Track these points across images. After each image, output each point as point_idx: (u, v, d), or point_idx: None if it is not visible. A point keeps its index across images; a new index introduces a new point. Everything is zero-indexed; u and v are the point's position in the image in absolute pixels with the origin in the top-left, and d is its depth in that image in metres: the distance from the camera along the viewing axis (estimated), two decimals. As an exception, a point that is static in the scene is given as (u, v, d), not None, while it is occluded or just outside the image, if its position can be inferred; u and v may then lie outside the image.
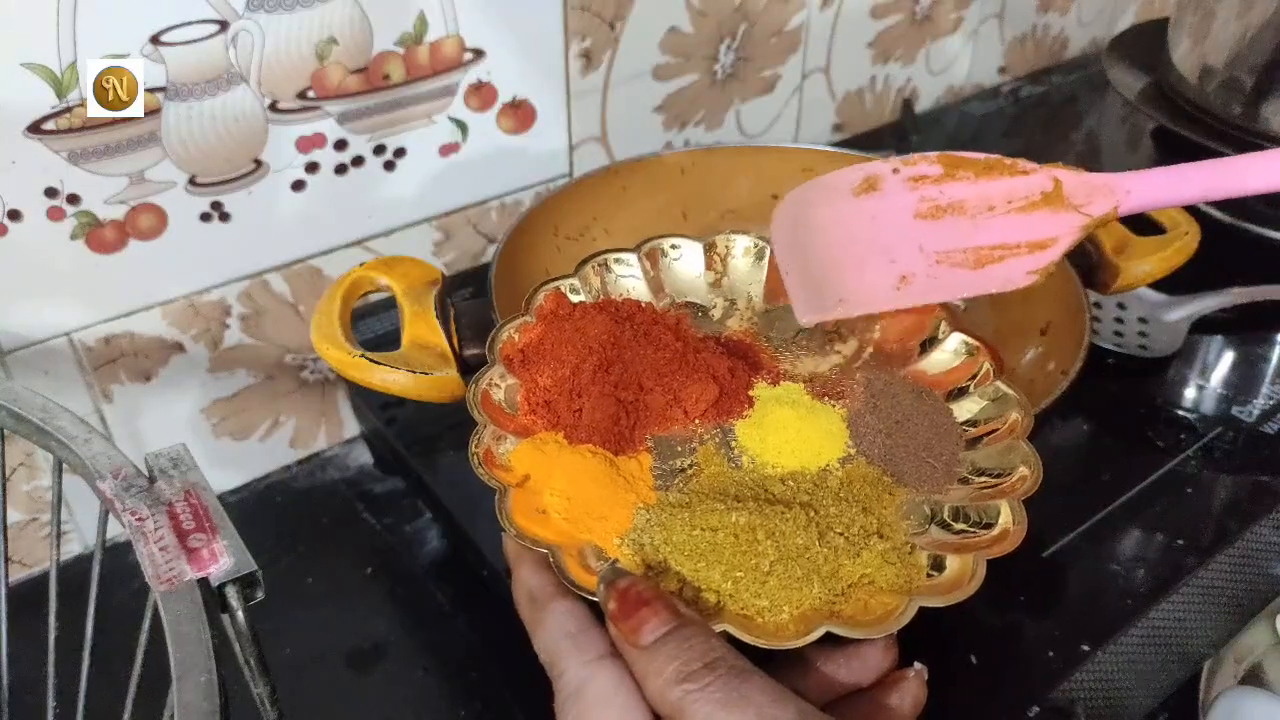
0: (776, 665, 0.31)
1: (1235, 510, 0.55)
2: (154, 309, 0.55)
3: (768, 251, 0.44)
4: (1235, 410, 0.62)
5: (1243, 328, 0.67)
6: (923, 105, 0.90)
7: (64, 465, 0.37)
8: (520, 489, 0.34)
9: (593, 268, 0.42)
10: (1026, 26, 0.94)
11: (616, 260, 0.43)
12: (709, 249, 0.44)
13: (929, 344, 0.42)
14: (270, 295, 0.59)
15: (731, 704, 0.27)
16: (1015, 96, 0.94)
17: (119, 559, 0.52)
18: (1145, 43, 0.80)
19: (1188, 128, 0.72)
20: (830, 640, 0.30)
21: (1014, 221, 0.44)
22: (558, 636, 0.31)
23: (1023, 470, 0.36)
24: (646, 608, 0.29)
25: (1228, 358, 0.66)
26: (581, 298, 0.42)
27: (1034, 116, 0.92)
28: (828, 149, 0.64)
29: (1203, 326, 0.65)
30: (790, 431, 0.38)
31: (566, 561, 0.32)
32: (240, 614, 0.30)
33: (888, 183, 0.45)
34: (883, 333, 0.43)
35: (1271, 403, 0.62)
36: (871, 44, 0.81)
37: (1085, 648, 0.48)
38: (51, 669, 0.39)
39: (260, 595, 0.31)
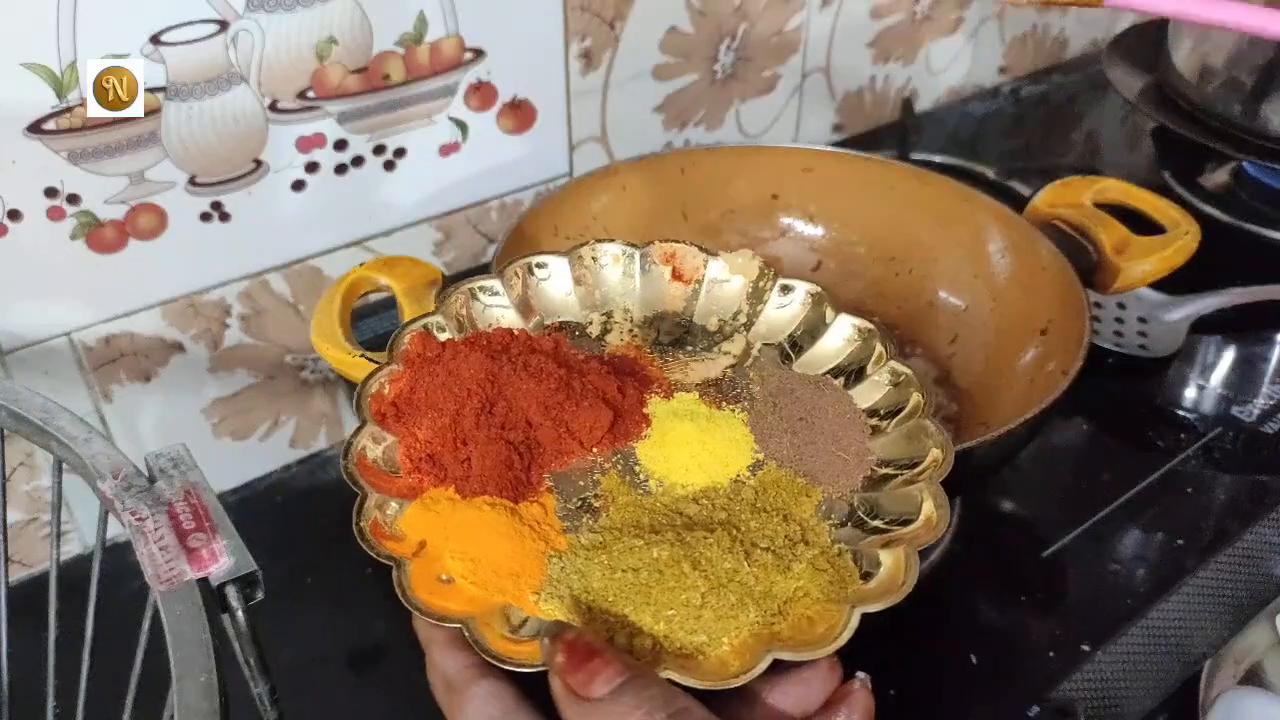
0: (721, 703, 0.29)
1: (1235, 510, 0.55)
2: (154, 309, 0.55)
3: (637, 258, 0.41)
4: (1235, 410, 0.62)
5: (1243, 328, 0.67)
6: (923, 105, 0.90)
7: (64, 465, 0.37)
8: (418, 558, 0.31)
9: (457, 299, 0.39)
10: (1026, 26, 0.94)
11: (482, 288, 0.40)
12: (575, 261, 0.41)
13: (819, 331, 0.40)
14: (270, 295, 0.59)
15: None
16: (1015, 96, 0.94)
17: (119, 559, 0.51)
18: (1145, 43, 0.80)
19: (1188, 128, 0.72)
20: (772, 665, 0.28)
21: None
22: None
23: (935, 453, 0.34)
24: (599, 658, 0.27)
25: (1228, 358, 0.66)
26: (449, 334, 0.38)
27: (1034, 116, 0.92)
28: (828, 149, 0.64)
29: (1203, 326, 0.65)
30: (694, 446, 0.35)
31: (484, 633, 0.29)
32: (240, 614, 0.30)
33: None
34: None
35: (1271, 403, 0.62)
36: (871, 44, 0.81)
37: (1085, 648, 0.48)
38: (51, 669, 0.39)
39: (260, 595, 0.31)
